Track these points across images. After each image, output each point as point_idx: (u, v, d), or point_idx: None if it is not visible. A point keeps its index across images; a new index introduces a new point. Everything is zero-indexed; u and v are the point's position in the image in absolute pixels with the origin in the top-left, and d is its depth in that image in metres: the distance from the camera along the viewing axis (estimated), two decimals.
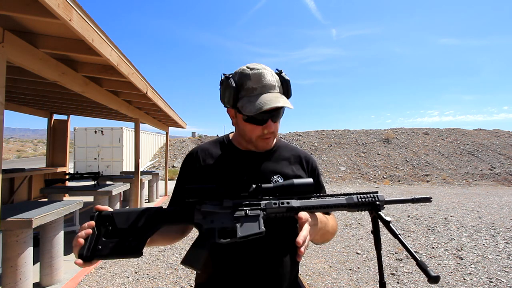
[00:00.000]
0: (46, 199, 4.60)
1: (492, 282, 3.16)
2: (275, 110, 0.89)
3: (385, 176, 12.67)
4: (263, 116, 0.89)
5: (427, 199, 0.82)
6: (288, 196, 0.84)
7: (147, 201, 7.78)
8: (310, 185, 0.85)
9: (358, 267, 3.55)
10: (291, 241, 0.76)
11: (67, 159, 7.46)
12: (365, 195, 0.82)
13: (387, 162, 13.98)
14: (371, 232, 0.79)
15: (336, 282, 3.17)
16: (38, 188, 6.32)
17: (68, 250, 3.52)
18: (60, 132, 7.33)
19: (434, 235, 4.83)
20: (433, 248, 4.23)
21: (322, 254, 4.00)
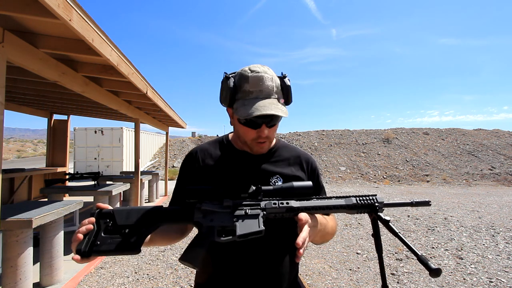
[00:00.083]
0: (46, 199, 4.60)
1: (492, 282, 3.16)
2: (269, 116, 0.88)
3: (385, 176, 12.67)
4: (257, 121, 0.88)
5: (426, 203, 0.82)
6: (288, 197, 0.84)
7: (147, 201, 7.78)
8: (309, 188, 0.85)
9: (358, 267, 3.55)
10: (291, 242, 0.76)
11: (67, 159, 7.46)
12: (365, 198, 0.82)
13: (387, 162, 13.97)
14: (372, 236, 0.79)
15: (336, 282, 3.17)
16: (38, 188, 6.33)
17: (68, 250, 3.51)
18: (60, 132, 7.34)
19: (434, 235, 4.83)
20: (433, 248, 4.23)
21: (322, 254, 4.00)
